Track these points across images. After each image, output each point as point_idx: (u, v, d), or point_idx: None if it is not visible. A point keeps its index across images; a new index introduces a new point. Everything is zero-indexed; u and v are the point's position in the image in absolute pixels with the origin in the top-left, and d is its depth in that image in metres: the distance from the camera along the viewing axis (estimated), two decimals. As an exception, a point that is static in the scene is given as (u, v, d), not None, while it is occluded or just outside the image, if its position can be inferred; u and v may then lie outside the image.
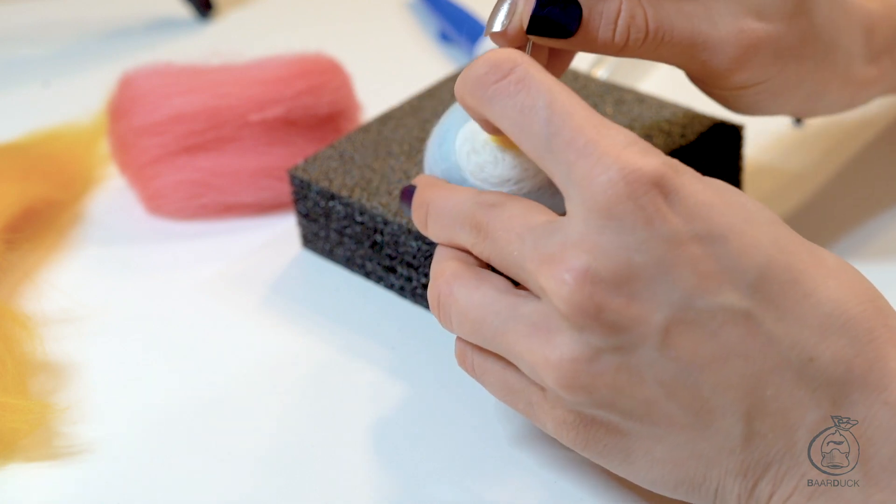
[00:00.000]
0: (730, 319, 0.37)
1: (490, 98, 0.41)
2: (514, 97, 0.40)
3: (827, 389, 0.38)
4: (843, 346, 0.38)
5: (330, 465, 0.48)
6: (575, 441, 0.41)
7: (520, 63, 0.41)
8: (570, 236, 0.38)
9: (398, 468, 0.47)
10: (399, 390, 0.51)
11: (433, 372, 0.52)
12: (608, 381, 0.38)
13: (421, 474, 0.47)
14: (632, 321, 0.37)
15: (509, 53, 0.41)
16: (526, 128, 0.40)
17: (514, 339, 0.40)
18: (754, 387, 0.38)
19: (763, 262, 0.38)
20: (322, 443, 0.49)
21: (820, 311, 0.38)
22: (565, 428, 0.41)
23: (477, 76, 0.41)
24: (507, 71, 0.41)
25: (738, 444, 0.38)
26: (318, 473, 0.47)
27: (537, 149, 0.40)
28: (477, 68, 0.41)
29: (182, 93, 0.63)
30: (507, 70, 0.41)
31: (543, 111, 0.39)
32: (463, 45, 0.78)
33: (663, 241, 0.37)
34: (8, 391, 0.50)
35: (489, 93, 0.41)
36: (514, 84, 0.40)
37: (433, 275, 0.44)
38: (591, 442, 0.40)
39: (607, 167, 0.37)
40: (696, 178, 0.39)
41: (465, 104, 0.43)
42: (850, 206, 0.60)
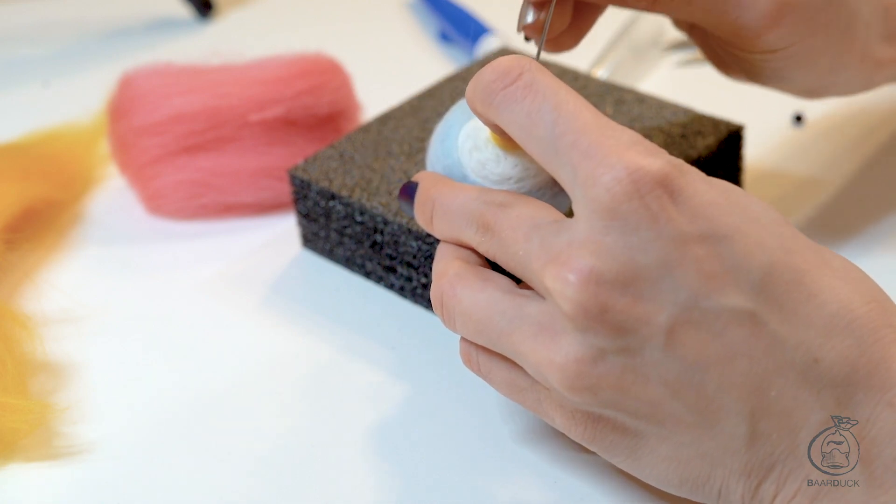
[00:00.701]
0: (734, 320, 0.37)
1: (499, 104, 0.41)
2: (521, 102, 0.41)
3: (831, 390, 0.38)
4: (847, 346, 0.38)
5: (330, 465, 0.48)
6: (583, 437, 0.41)
7: (527, 69, 0.41)
8: (575, 236, 0.38)
9: (398, 468, 0.47)
10: (399, 390, 0.51)
11: (433, 372, 0.52)
12: (613, 382, 0.38)
13: (421, 474, 0.47)
14: (636, 321, 0.37)
15: (517, 60, 0.41)
16: (533, 132, 0.40)
17: (518, 339, 0.40)
18: (759, 387, 0.38)
19: (768, 263, 0.38)
20: (322, 443, 0.49)
21: (825, 312, 0.38)
22: (573, 424, 0.41)
23: (486, 83, 0.42)
24: (514, 77, 0.41)
25: (743, 445, 0.38)
26: (318, 473, 0.47)
27: (544, 152, 0.40)
28: (486, 76, 0.42)
29: (182, 93, 0.63)
30: (514, 76, 0.41)
31: (549, 114, 0.40)
32: (463, 45, 0.78)
33: (668, 241, 0.37)
34: (8, 391, 0.50)
35: (498, 99, 0.41)
36: (521, 89, 0.41)
37: (435, 274, 0.44)
38: (598, 438, 0.40)
39: (611, 167, 0.37)
40: (701, 177, 0.39)
41: (476, 112, 0.43)
42: (851, 207, 0.60)
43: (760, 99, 0.62)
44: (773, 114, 0.67)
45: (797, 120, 0.67)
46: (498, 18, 0.81)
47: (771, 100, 0.63)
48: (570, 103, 0.40)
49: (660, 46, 0.76)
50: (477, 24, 0.78)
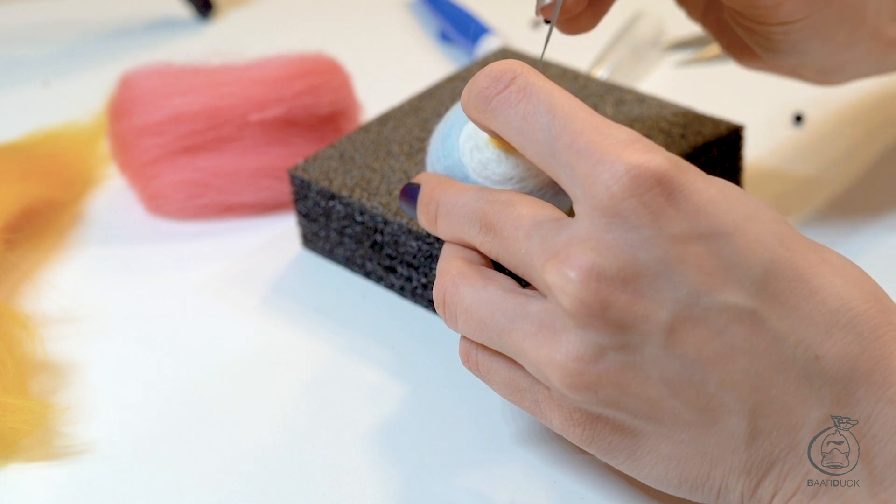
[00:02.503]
0: (735, 317, 0.37)
1: (493, 110, 0.42)
2: (515, 107, 0.41)
3: (832, 387, 0.38)
4: (848, 343, 0.38)
5: (330, 465, 0.48)
6: (581, 438, 0.41)
7: (520, 73, 0.41)
8: (576, 234, 0.38)
9: (398, 468, 0.47)
10: (399, 390, 0.51)
11: (433, 372, 0.52)
12: (613, 380, 0.38)
13: (421, 474, 0.47)
14: (637, 318, 0.38)
15: (510, 64, 0.42)
16: (529, 135, 0.40)
17: (519, 337, 0.40)
18: (759, 385, 0.38)
19: (768, 260, 0.38)
20: (322, 442, 0.49)
21: (825, 309, 0.38)
22: (571, 425, 0.41)
23: (479, 90, 0.42)
24: (507, 82, 0.41)
25: (743, 443, 0.38)
26: (318, 473, 0.47)
27: (541, 155, 0.40)
28: (479, 82, 0.42)
29: (182, 93, 0.63)
30: (507, 81, 0.41)
31: (545, 117, 0.40)
32: (463, 45, 0.78)
33: (668, 239, 0.37)
34: (8, 391, 0.50)
35: (492, 105, 0.42)
36: (515, 94, 0.41)
37: (438, 273, 0.44)
38: (597, 439, 0.40)
39: (611, 165, 0.38)
40: (700, 175, 0.39)
41: (472, 118, 0.43)
42: (851, 207, 0.60)
43: (760, 99, 0.62)
44: (773, 114, 0.67)
45: (797, 120, 0.67)
46: (498, 18, 0.81)
47: (771, 100, 0.63)
48: (564, 105, 0.40)
49: (660, 46, 0.76)
50: (477, 24, 0.78)
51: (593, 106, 0.60)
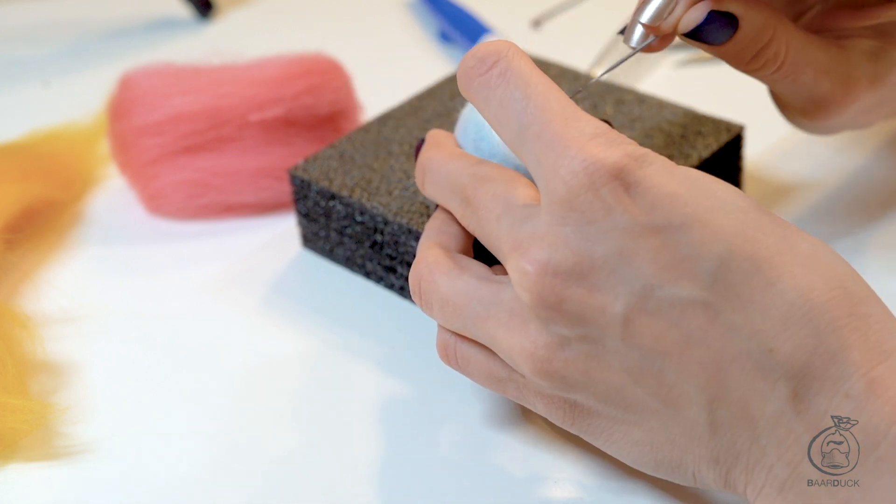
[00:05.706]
0: (689, 309, 0.38)
1: (476, 90, 0.42)
2: (495, 90, 0.42)
3: (787, 381, 0.37)
4: (804, 336, 0.37)
5: (330, 465, 0.48)
6: (563, 421, 0.42)
7: (504, 56, 0.42)
8: (537, 228, 0.39)
9: (398, 468, 0.47)
10: (399, 390, 0.51)
11: (433, 371, 0.52)
12: (580, 367, 0.39)
13: (421, 474, 0.47)
14: (593, 311, 0.38)
15: (496, 46, 0.42)
16: (503, 121, 0.41)
17: (493, 325, 0.41)
18: (716, 376, 0.38)
19: (725, 251, 0.38)
20: (321, 442, 0.49)
21: (782, 301, 0.37)
22: (553, 408, 0.42)
23: (465, 69, 0.43)
24: (490, 64, 0.42)
25: (706, 432, 0.39)
26: (318, 473, 0.47)
27: (513, 141, 0.41)
28: (466, 62, 0.43)
29: (182, 93, 0.63)
30: (490, 63, 0.42)
31: (519, 103, 0.41)
32: (463, 45, 0.78)
33: (622, 232, 0.38)
34: (8, 391, 0.50)
35: (475, 85, 0.42)
36: (495, 77, 0.42)
37: (415, 260, 0.45)
38: (577, 422, 0.41)
39: (570, 160, 0.38)
40: (664, 168, 0.39)
41: (463, 94, 0.44)
42: (850, 207, 0.60)
43: (760, 99, 0.62)
44: (773, 114, 0.67)
45: (797, 120, 0.67)
46: (498, 18, 0.81)
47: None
48: (539, 94, 0.40)
49: (660, 46, 0.76)
50: (477, 24, 0.78)
51: (593, 106, 0.60)
